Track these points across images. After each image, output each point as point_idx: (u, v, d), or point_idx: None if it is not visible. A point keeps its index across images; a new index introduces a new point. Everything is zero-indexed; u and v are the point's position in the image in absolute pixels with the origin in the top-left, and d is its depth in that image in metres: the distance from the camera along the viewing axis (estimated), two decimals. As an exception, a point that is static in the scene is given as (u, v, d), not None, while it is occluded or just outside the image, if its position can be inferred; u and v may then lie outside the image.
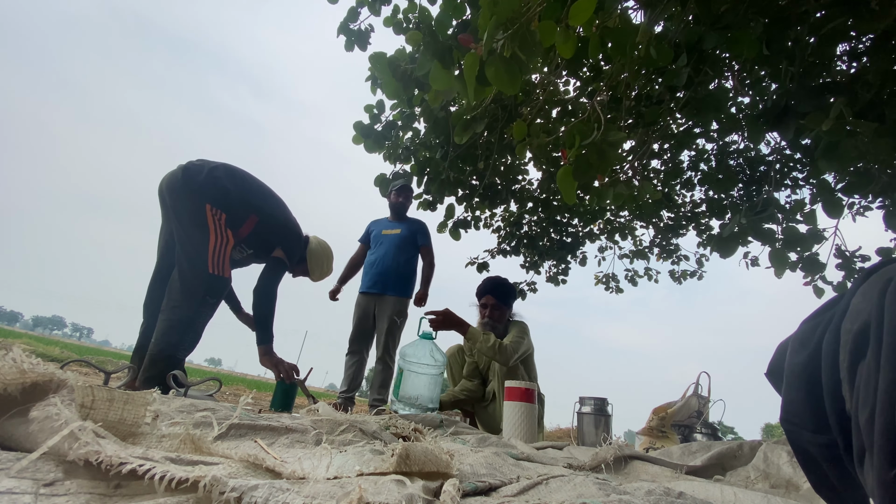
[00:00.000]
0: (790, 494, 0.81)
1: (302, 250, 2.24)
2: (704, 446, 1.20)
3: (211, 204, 1.82)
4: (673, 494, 0.54)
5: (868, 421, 0.27)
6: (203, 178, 1.83)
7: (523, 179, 3.94)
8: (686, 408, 2.56)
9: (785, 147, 3.13)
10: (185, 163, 1.88)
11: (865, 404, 0.28)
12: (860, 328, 0.31)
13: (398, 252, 3.07)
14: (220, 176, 1.87)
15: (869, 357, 0.29)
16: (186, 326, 1.74)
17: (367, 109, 2.88)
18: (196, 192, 1.81)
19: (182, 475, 0.32)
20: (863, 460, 0.30)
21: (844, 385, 0.32)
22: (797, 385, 0.37)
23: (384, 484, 0.38)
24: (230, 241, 1.87)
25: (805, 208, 2.93)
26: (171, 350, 1.70)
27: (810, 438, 0.36)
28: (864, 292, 0.33)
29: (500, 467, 0.74)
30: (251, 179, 2.03)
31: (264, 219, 2.00)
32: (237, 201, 1.91)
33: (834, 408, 0.33)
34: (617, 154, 1.45)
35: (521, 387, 2.06)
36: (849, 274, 3.07)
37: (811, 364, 0.36)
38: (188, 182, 1.81)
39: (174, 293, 1.76)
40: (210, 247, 1.79)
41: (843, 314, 0.34)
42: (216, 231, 1.81)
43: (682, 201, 4.25)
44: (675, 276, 5.04)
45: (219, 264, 1.80)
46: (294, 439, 0.60)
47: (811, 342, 0.37)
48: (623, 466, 1.11)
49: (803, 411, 0.36)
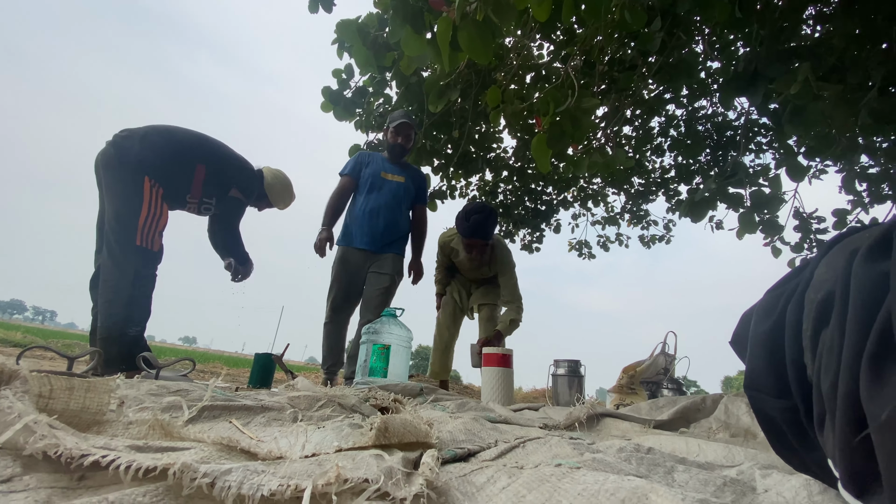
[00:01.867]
0: (748, 442, 0.87)
1: (259, 184, 2.25)
2: (671, 401, 1.27)
3: (150, 176, 1.78)
4: (643, 450, 0.57)
5: (831, 387, 0.29)
6: (137, 148, 1.78)
7: (498, 147, 3.90)
8: (654, 366, 2.69)
9: (752, 112, 3.19)
10: (112, 137, 1.82)
11: (828, 371, 0.29)
12: (824, 297, 0.32)
13: (402, 204, 2.53)
14: (154, 141, 1.83)
15: (832, 325, 0.29)
16: (127, 302, 1.72)
17: (336, 74, 2.74)
18: (134, 165, 1.77)
19: (149, 464, 0.31)
20: (823, 424, 0.31)
21: (807, 353, 0.33)
22: (760, 353, 0.38)
23: (363, 459, 0.38)
24: (164, 216, 1.85)
25: (770, 173, 3.04)
26: (118, 329, 1.68)
27: (772, 404, 0.38)
28: (827, 262, 0.33)
29: (479, 432, 0.76)
30: (183, 131, 1.99)
31: (210, 164, 1.98)
32: (178, 159, 1.89)
33: (795, 374, 0.34)
34: (590, 121, 1.44)
35: (498, 353, 2.12)
36: (805, 235, 3.24)
37: (774, 332, 0.37)
38: (123, 157, 1.77)
39: (106, 271, 1.75)
40: (140, 220, 1.77)
41: (806, 284, 0.35)
42: (150, 204, 1.79)
43: (652, 167, 4.32)
44: (645, 241, 5.20)
45: (148, 237, 1.79)
46: (271, 418, 0.59)
47: (775, 311, 0.38)
48: (596, 424, 1.16)
49: (766, 378, 0.38)
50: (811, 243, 3.21)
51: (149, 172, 1.78)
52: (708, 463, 0.56)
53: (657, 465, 0.50)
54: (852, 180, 2.92)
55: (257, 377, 1.81)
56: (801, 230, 3.23)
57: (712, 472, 0.49)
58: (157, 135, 1.87)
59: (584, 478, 0.32)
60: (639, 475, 0.45)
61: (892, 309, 0.24)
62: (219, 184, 2.04)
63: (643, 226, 5.08)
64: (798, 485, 0.38)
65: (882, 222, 0.35)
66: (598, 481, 0.30)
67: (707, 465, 0.54)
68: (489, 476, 0.42)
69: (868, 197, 3.03)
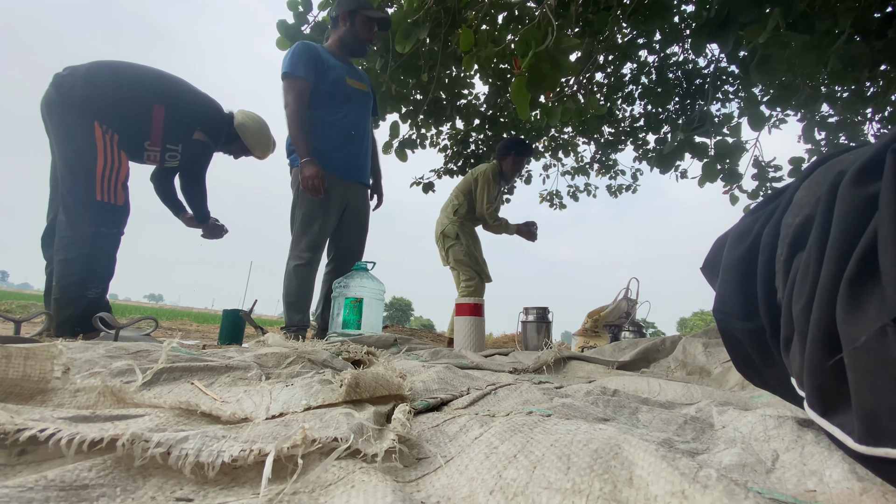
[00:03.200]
0: (703, 379, 0.93)
1: (227, 126, 1.98)
2: (632, 343, 1.35)
3: (100, 121, 1.57)
4: (609, 393, 0.59)
5: (803, 310, 0.29)
6: (81, 89, 1.55)
7: (469, 94, 3.75)
8: (617, 310, 2.84)
9: (721, 59, 3.18)
10: (53, 77, 1.58)
11: (801, 294, 0.29)
12: (802, 221, 0.31)
13: (370, 121, 2.15)
14: (100, 79, 1.59)
15: (809, 249, 0.29)
16: (86, 262, 1.58)
17: (292, 6, 2.49)
18: (78, 107, 1.55)
19: (94, 435, 0.28)
20: (789, 346, 0.32)
21: (779, 276, 0.33)
22: (732, 277, 0.39)
23: (332, 417, 0.37)
24: (124, 165, 1.66)
25: (732, 121, 3.09)
26: (76, 289, 1.56)
27: (739, 326, 0.39)
28: (808, 186, 0.33)
29: (452, 381, 0.78)
30: (134, 67, 1.72)
31: (170, 103, 1.74)
32: (131, 99, 1.65)
33: (765, 297, 0.35)
34: (570, 62, 1.38)
35: (470, 303, 2.17)
36: (762, 183, 3.38)
37: (748, 256, 0.37)
38: (66, 98, 1.54)
39: (62, 228, 1.58)
40: (98, 171, 1.58)
41: (784, 208, 0.34)
42: (106, 153, 1.59)
43: (621, 116, 4.31)
44: (612, 191, 5.28)
45: (109, 190, 1.61)
46: (236, 377, 0.57)
47: (749, 236, 0.38)
48: (562, 366, 1.21)
49: (735, 301, 0.38)
50: (767, 191, 3.36)
51: (98, 117, 1.57)
52: (669, 402, 0.59)
53: (622, 407, 0.52)
54: (812, 129, 3.02)
55: (227, 334, 1.77)
56: (758, 178, 3.36)
57: (673, 410, 0.51)
58: (103, 72, 1.62)
59: (556, 427, 0.33)
60: (606, 418, 0.46)
61: (878, 228, 0.24)
62: (183, 126, 1.79)
63: (611, 175, 5.14)
64: (754, 420, 0.41)
65: (869, 143, 0.34)
66: (570, 431, 0.31)
67: (668, 403, 0.57)
68: (462, 425, 0.42)
69: (825, 146, 3.15)
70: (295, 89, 1.86)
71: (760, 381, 0.43)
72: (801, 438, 0.37)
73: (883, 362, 0.22)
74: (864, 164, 0.27)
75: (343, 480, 0.28)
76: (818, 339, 0.27)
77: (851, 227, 0.26)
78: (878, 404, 0.23)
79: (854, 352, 0.24)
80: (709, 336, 1.18)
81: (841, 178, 0.28)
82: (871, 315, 0.23)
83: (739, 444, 0.39)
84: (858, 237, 0.25)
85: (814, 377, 0.28)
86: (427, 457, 0.35)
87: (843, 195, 0.27)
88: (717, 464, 0.34)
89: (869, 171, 0.27)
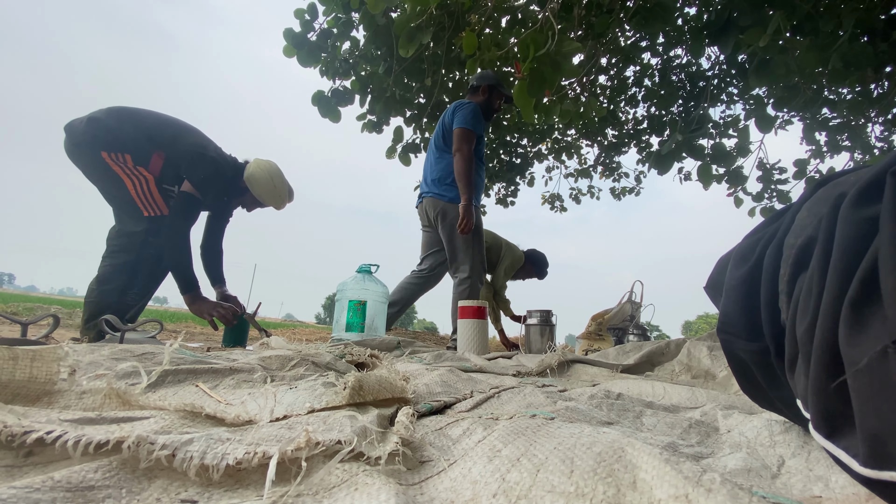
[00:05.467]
0: (708, 383, 0.92)
1: (229, 179, 1.86)
2: (636, 346, 1.34)
3: (107, 150, 1.66)
4: (612, 396, 0.59)
5: (807, 332, 0.29)
6: (83, 127, 1.66)
7: (472, 97, 3.76)
8: (621, 313, 2.83)
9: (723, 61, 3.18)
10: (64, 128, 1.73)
11: (804, 315, 0.29)
12: (804, 243, 0.31)
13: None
14: (100, 118, 1.68)
15: (812, 270, 0.29)
16: (131, 270, 1.74)
17: (298, 14, 2.51)
18: (85, 144, 1.66)
19: (100, 438, 0.28)
20: (794, 367, 0.32)
21: (782, 297, 0.33)
22: (735, 297, 0.39)
23: (336, 419, 0.37)
24: (147, 176, 1.72)
25: (739, 124, 3.07)
26: (115, 295, 1.70)
27: (743, 346, 0.38)
28: (809, 207, 0.33)
29: (455, 384, 0.78)
30: (140, 112, 1.78)
31: (170, 151, 1.72)
32: (131, 140, 1.69)
33: (769, 318, 0.35)
34: (572, 65, 1.38)
35: (473, 305, 2.17)
36: (766, 185, 3.36)
37: (751, 277, 0.37)
38: (74, 139, 1.67)
39: (112, 239, 1.77)
40: (132, 192, 1.70)
41: (787, 229, 0.34)
42: (126, 173, 1.69)
43: (625, 118, 4.31)
44: (616, 193, 5.27)
45: (150, 204, 1.72)
46: (240, 380, 0.57)
47: (752, 256, 0.38)
48: (566, 369, 1.21)
49: (739, 322, 0.38)
50: (772, 193, 3.34)
51: (104, 147, 1.66)
52: (673, 405, 0.58)
53: (626, 411, 0.52)
54: (813, 130, 3.00)
55: (231, 336, 1.78)
56: (763, 181, 3.34)
57: (677, 414, 0.51)
58: (105, 112, 1.72)
59: (560, 430, 0.33)
60: (609, 421, 0.46)
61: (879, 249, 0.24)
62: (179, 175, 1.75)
63: (614, 178, 5.13)
64: (759, 425, 0.40)
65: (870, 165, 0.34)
66: (573, 434, 0.31)
67: (672, 407, 0.57)
68: (465, 428, 0.42)
69: (826, 147, 3.13)
70: (471, 142, 2.26)
71: (766, 401, 0.43)
72: (807, 444, 0.37)
73: (885, 384, 0.22)
74: (865, 186, 0.27)
75: (346, 483, 0.28)
76: (822, 360, 0.27)
77: (852, 249, 0.26)
78: (882, 427, 0.23)
79: (856, 374, 0.24)
80: (714, 339, 1.17)
81: (842, 200, 0.28)
82: (873, 337, 0.23)
83: (745, 448, 0.39)
84: (860, 259, 0.25)
85: (818, 399, 0.28)
86: (430, 460, 0.35)
87: (844, 217, 0.27)
88: (722, 468, 0.34)
89: (869, 193, 0.27)
